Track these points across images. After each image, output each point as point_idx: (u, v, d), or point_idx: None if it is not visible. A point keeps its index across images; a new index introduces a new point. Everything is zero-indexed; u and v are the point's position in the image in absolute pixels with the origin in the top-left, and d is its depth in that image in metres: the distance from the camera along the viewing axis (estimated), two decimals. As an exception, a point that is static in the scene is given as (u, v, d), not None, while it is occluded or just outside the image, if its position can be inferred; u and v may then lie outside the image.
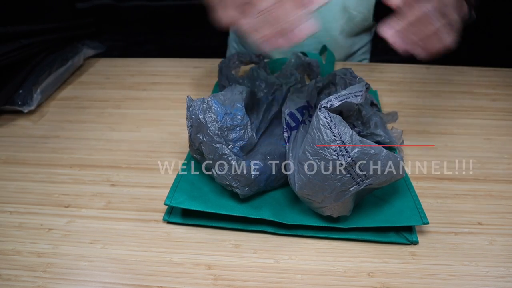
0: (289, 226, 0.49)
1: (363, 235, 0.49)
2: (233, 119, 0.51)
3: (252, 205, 0.51)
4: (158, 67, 0.92)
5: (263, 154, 0.52)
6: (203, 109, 0.49)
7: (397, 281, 0.44)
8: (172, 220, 0.51)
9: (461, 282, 0.44)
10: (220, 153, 0.48)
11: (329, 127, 0.43)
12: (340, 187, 0.44)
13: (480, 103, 0.78)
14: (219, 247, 0.48)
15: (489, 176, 0.60)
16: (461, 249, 0.48)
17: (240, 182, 0.49)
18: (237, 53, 0.79)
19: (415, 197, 0.52)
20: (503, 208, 0.54)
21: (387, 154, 0.44)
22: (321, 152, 0.43)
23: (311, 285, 0.44)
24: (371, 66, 0.93)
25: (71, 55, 0.86)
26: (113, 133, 0.70)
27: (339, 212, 0.47)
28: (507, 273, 0.45)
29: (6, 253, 0.47)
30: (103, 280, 0.44)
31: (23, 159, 0.63)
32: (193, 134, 0.50)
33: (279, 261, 0.46)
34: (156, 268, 0.46)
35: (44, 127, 0.71)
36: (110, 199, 0.55)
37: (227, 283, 0.44)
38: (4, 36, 0.72)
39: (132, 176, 0.59)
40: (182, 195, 0.51)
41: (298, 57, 0.76)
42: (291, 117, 0.51)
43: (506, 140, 0.68)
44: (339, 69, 0.57)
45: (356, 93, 0.46)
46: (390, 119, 0.63)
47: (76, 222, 0.52)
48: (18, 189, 0.57)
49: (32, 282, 0.44)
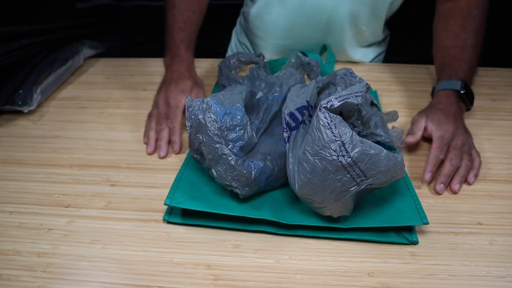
0: (289, 226, 0.49)
1: (363, 235, 0.49)
2: (233, 119, 0.51)
3: (252, 205, 0.51)
4: (158, 67, 0.92)
5: (263, 154, 0.52)
6: (203, 109, 0.49)
7: (397, 281, 0.44)
8: (172, 220, 0.51)
9: (461, 282, 0.44)
10: (220, 153, 0.48)
11: (329, 127, 0.43)
12: (340, 187, 0.44)
13: (480, 103, 0.78)
14: (219, 247, 0.48)
15: (489, 176, 0.60)
16: (461, 249, 0.48)
17: (240, 182, 0.49)
18: (237, 53, 0.79)
19: (415, 197, 0.52)
20: (503, 208, 0.54)
21: (387, 154, 0.44)
22: (321, 152, 0.43)
23: (311, 285, 0.44)
24: (371, 66, 0.93)
25: (71, 55, 0.86)
26: (113, 133, 0.70)
27: (339, 212, 0.47)
28: (507, 273, 0.45)
29: (6, 253, 0.47)
30: (103, 280, 0.44)
31: (23, 159, 0.63)
32: (193, 134, 0.50)
33: (279, 261, 0.46)
34: (156, 268, 0.46)
35: (44, 127, 0.71)
36: (110, 199, 0.55)
37: (227, 283, 0.44)
38: (4, 36, 0.72)
39: (132, 176, 0.59)
40: (182, 195, 0.51)
41: (298, 57, 0.76)
42: (291, 117, 0.51)
43: (506, 140, 0.68)
44: (339, 69, 0.57)
45: (356, 93, 0.46)
46: (390, 119, 0.63)
47: (76, 222, 0.52)
48: (18, 189, 0.57)
49: (32, 282, 0.44)
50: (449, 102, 0.67)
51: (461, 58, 0.71)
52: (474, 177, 0.58)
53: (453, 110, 0.65)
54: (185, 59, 0.76)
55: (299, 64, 0.76)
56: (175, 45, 0.76)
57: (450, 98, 0.67)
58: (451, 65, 0.71)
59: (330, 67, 0.85)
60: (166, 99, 0.69)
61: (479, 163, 0.60)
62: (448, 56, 0.73)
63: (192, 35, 0.79)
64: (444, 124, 0.62)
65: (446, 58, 0.73)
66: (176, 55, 0.76)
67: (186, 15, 0.78)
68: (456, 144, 0.60)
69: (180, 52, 0.76)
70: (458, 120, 0.65)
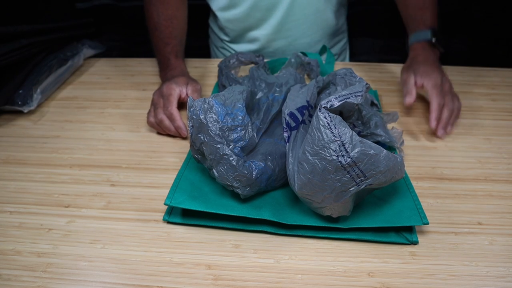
0: (289, 226, 0.49)
1: (363, 235, 0.49)
2: (234, 119, 0.51)
3: (252, 205, 0.51)
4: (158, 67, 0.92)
5: (264, 155, 0.52)
6: (204, 110, 0.49)
7: (397, 281, 0.44)
8: (172, 220, 0.51)
9: (461, 282, 0.44)
10: (221, 153, 0.48)
11: (329, 127, 0.43)
12: (340, 187, 0.44)
13: (480, 103, 0.78)
14: (219, 247, 0.48)
15: (489, 176, 0.60)
16: (461, 249, 0.48)
17: (241, 183, 0.49)
18: (237, 53, 0.79)
19: (415, 197, 0.52)
20: (503, 208, 0.54)
21: (387, 154, 0.44)
22: (321, 152, 0.43)
23: (311, 285, 0.44)
24: (371, 66, 0.93)
25: (71, 55, 0.86)
26: (113, 133, 0.70)
27: (339, 212, 0.47)
28: (507, 273, 0.45)
29: (6, 253, 0.47)
30: (103, 280, 0.44)
31: (23, 159, 0.63)
32: (194, 135, 0.50)
33: (279, 261, 0.46)
34: (156, 268, 0.46)
35: (44, 127, 0.71)
36: (110, 199, 0.55)
37: (227, 283, 0.44)
38: (4, 36, 0.72)
39: (132, 176, 0.59)
40: (182, 195, 0.51)
41: (298, 57, 0.76)
42: (291, 117, 0.51)
43: (506, 140, 0.68)
44: (339, 69, 0.57)
45: (356, 93, 0.46)
46: (390, 119, 0.63)
47: (76, 222, 0.52)
48: (18, 189, 0.57)
49: (32, 282, 0.44)
50: (426, 53, 0.75)
51: (422, 6, 0.78)
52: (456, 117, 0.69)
53: (431, 59, 0.74)
54: (177, 65, 0.79)
55: (299, 64, 0.76)
56: (164, 58, 0.80)
57: (425, 49, 0.76)
58: (416, 15, 0.79)
59: (330, 67, 0.85)
60: (160, 92, 0.71)
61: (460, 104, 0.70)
62: (410, 5, 0.80)
63: (178, 46, 0.82)
64: (431, 73, 0.71)
65: (410, 8, 0.80)
66: (167, 65, 0.79)
67: (168, 32, 0.81)
68: (446, 90, 0.69)
69: (171, 62, 0.79)
70: (439, 66, 0.73)
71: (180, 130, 0.66)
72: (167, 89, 0.70)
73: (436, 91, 0.68)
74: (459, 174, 0.60)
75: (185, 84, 0.72)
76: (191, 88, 0.72)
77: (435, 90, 0.68)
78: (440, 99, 0.67)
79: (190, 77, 0.77)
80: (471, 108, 0.76)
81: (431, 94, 0.68)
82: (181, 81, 0.72)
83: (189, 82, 0.73)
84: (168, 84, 0.71)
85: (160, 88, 0.71)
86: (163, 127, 0.67)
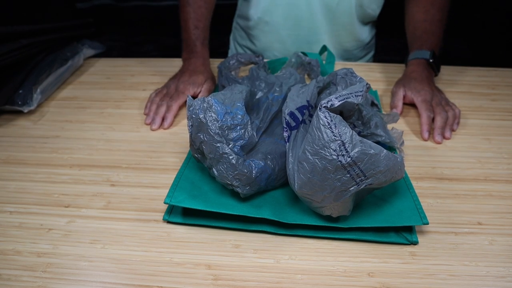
0: (289, 226, 0.49)
1: (363, 235, 0.49)
2: (234, 118, 0.51)
3: (252, 204, 0.51)
4: (158, 67, 0.92)
5: (264, 154, 0.52)
6: (204, 109, 0.49)
7: (397, 281, 0.44)
8: (172, 220, 0.51)
9: (461, 282, 0.44)
10: (221, 152, 0.48)
11: (329, 126, 0.43)
12: (339, 187, 0.44)
13: (480, 103, 0.78)
14: (219, 247, 0.48)
15: (489, 176, 0.60)
16: (461, 249, 0.48)
17: (241, 181, 0.49)
18: (236, 54, 0.79)
19: (415, 197, 0.52)
20: (503, 208, 0.54)
21: (387, 154, 0.44)
22: (321, 151, 0.43)
23: (311, 285, 0.44)
24: (371, 66, 0.93)
25: (71, 55, 0.86)
26: (113, 133, 0.70)
27: (339, 212, 0.47)
28: (507, 273, 0.45)
29: (6, 253, 0.47)
30: (103, 280, 0.44)
31: (23, 159, 0.63)
32: (194, 134, 0.50)
33: (279, 261, 0.46)
34: (156, 268, 0.46)
35: (44, 127, 0.71)
36: (110, 199, 0.55)
37: (227, 283, 0.44)
38: (4, 36, 0.72)
39: (132, 176, 0.59)
40: (182, 194, 0.51)
41: (298, 57, 0.76)
42: (291, 117, 0.51)
43: (506, 140, 0.68)
44: (340, 69, 0.57)
45: (357, 93, 0.46)
46: (390, 120, 0.63)
47: (76, 222, 0.52)
48: (18, 189, 0.57)
49: (32, 282, 0.44)
50: (420, 69, 0.78)
51: (430, 31, 0.82)
52: (457, 124, 0.70)
53: (425, 75, 0.77)
54: (201, 55, 0.82)
55: (299, 64, 0.76)
56: (191, 42, 0.82)
57: (421, 66, 0.79)
58: (422, 37, 0.82)
59: (330, 67, 0.85)
60: (177, 85, 0.77)
61: (459, 111, 0.72)
62: (419, 28, 0.83)
63: (206, 31, 0.84)
64: (421, 89, 0.74)
65: (418, 30, 0.83)
66: (192, 51, 0.82)
67: (200, 12, 0.83)
68: (436, 102, 0.72)
69: (197, 49, 0.82)
70: (430, 83, 0.76)
71: (165, 121, 0.71)
72: (184, 87, 0.76)
73: (425, 106, 0.71)
74: (459, 174, 0.60)
75: (201, 85, 0.77)
76: (205, 88, 0.77)
77: (423, 104, 0.71)
78: (429, 112, 0.70)
79: (209, 72, 0.80)
80: (471, 108, 0.76)
81: (420, 108, 0.71)
82: (199, 80, 0.77)
83: (205, 81, 0.78)
84: (186, 83, 0.76)
85: (181, 78, 0.77)
86: (157, 111, 0.72)
